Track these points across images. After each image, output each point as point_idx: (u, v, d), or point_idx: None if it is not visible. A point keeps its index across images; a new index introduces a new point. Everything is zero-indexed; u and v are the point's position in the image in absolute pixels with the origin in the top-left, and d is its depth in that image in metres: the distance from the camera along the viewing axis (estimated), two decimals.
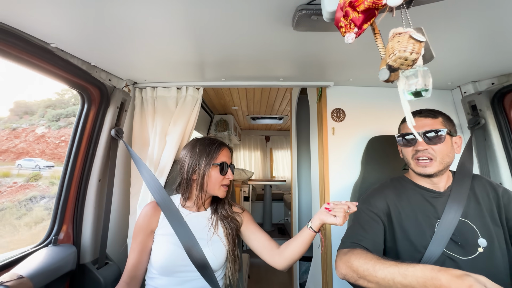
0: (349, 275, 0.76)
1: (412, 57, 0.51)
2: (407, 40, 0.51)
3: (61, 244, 1.07)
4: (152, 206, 1.02)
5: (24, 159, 8.60)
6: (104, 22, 0.79)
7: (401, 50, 0.51)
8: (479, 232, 0.82)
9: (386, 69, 0.55)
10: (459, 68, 1.18)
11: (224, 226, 1.01)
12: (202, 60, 1.11)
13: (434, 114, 0.92)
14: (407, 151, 0.93)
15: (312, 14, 0.69)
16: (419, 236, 0.86)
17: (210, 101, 3.02)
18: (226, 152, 1.04)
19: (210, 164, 0.98)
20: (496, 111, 1.24)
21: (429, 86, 0.54)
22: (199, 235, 0.96)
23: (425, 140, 0.87)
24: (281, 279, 2.59)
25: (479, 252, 0.80)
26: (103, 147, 1.19)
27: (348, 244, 0.87)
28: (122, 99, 1.28)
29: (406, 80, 0.55)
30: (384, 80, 0.56)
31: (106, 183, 1.21)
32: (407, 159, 0.94)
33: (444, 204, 0.89)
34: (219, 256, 0.95)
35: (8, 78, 5.86)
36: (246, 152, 5.60)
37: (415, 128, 0.86)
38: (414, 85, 0.54)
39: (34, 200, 5.98)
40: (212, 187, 0.99)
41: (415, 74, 0.54)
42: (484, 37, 0.88)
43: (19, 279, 0.78)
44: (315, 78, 1.37)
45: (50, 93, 11.65)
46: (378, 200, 0.95)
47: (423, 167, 0.88)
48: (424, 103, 1.46)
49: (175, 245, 0.94)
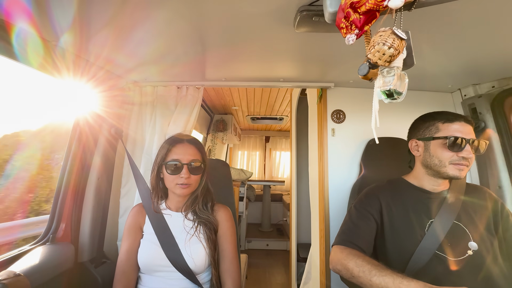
0: (343, 272, 0.80)
1: (390, 52, 0.51)
2: (389, 34, 0.51)
3: (59, 242, 1.07)
4: (139, 206, 1.06)
5: None
6: (104, 20, 0.79)
7: (381, 42, 0.51)
8: (471, 236, 0.84)
9: (366, 64, 0.55)
10: (459, 71, 1.18)
11: (204, 229, 0.97)
12: (203, 60, 1.11)
13: (471, 122, 0.91)
14: (447, 154, 0.89)
15: (313, 15, 0.69)
16: (410, 235, 0.88)
17: (211, 100, 3.02)
18: (180, 149, 0.97)
19: (160, 163, 0.97)
20: (496, 114, 1.25)
21: (403, 91, 0.55)
22: (178, 235, 0.95)
23: (473, 149, 0.86)
24: (279, 280, 2.59)
25: (468, 254, 0.81)
26: (102, 145, 1.19)
27: (342, 241, 0.90)
28: (122, 98, 1.28)
29: (383, 79, 0.55)
30: (362, 76, 0.56)
31: (105, 181, 1.21)
32: (441, 161, 0.90)
33: (437, 205, 0.91)
34: (197, 259, 0.92)
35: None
36: (246, 153, 5.60)
37: (461, 133, 0.86)
38: (389, 84, 0.54)
39: None
40: (169, 186, 0.97)
41: (392, 74, 0.54)
42: (484, 40, 0.88)
43: (16, 276, 0.77)
44: (316, 79, 1.37)
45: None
46: (371, 198, 0.97)
47: (460, 170, 0.87)
48: (424, 105, 1.46)
49: (155, 244, 0.94)
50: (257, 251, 3.38)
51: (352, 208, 0.99)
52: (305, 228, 2.41)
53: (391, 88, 0.54)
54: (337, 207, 1.39)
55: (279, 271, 2.79)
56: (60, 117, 1.26)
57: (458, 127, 0.89)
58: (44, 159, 1.43)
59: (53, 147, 1.46)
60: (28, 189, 1.38)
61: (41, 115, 1.38)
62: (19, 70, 0.89)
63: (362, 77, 0.58)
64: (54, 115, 1.37)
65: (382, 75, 0.56)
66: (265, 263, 3.03)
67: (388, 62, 0.53)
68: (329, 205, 1.39)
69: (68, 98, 1.11)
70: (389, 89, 0.55)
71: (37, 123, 1.43)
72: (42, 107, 1.32)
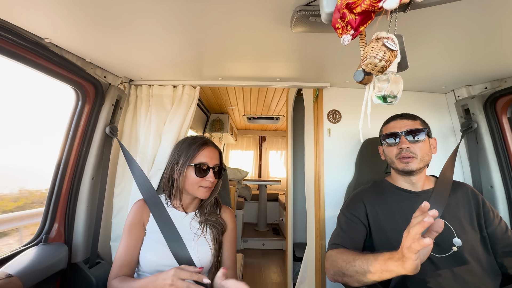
0: (336, 274, 0.81)
1: (381, 64, 0.53)
2: (380, 47, 0.53)
3: (52, 242, 1.05)
4: (142, 203, 1.03)
5: None
6: (100, 18, 0.78)
7: (372, 56, 0.53)
8: (455, 232, 0.86)
9: (360, 71, 0.57)
10: (453, 73, 1.20)
11: (212, 230, 0.98)
12: (199, 59, 1.11)
13: (413, 116, 0.99)
14: (391, 151, 0.97)
15: (310, 15, 0.70)
16: (397, 235, 0.90)
17: (207, 100, 3.01)
18: (208, 152, 0.98)
19: (186, 164, 0.96)
20: (488, 115, 1.27)
21: (398, 94, 0.56)
22: (185, 235, 0.95)
23: (408, 139, 0.93)
24: (275, 279, 2.60)
25: (453, 250, 0.83)
26: (97, 144, 1.17)
27: (332, 245, 0.93)
28: (117, 96, 1.26)
29: (378, 85, 0.57)
30: (358, 81, 0.59)
31: (99, 181, 1.19)
32: (390, 158, 0.98)
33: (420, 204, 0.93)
34: (204, 259, 0.93)
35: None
36: (242, 152, 5.60)
37: (395, 129, 0.95)
38: (384, 91, 0.56)
39: None
40: (190, 187, 0.97)
41: (387, 80, 0.56)
42: (478, 42, 0.89)
43: (7, 278, 0.76)
44: (312, 79, 1.37)
45: None
46: (356, 203, 1.01)
47: (406, 163, 0.93)
48: (419, 105, 1.48)
49: (161, 244, 0.93)
50: (253, 251, 3.38)
51: (340, 214, 1.03)
52: (301, 228, 2.42)
53: (385, 94, 0.56)
54: (332, 206, 1.40)
55: (275, 271, 2.80)
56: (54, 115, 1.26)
57: (394, 124, 0.98)
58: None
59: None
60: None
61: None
62: (15, 69, 0.88)
63: (357, 82, 0.59)
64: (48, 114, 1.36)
65: (377, 80, 0.57)
66: (261, 262, 3.03)
67: (381, 72, 0.55)
68: (324, 205, 1.40)
69: (61, 96, 1.09)
70: (383, 95, 0.56)
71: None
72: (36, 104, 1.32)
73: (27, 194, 2.37)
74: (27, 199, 2.36)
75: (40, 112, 1.41)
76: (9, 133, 1.53)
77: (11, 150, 1.60)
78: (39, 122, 1.31)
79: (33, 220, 2.34)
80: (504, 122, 1.25)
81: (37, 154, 1.65)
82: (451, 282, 0.80)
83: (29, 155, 1.71)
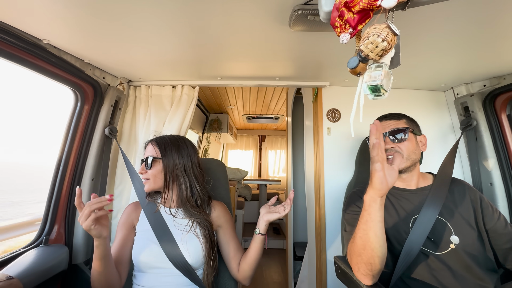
0: (360, 262, 0.75)
1: (383, 45, 0.52)
2: (383, 28, 0.52)
3: (53, 244, 1.05)
4: (134, 204, 1.05)
5: None
6: (98, 19, 0.78)
7: (375, 34, 0.52)
8: (453, 229, 0.86)
9: (356, 58, 0.56)
10: (452, 70, 1.20)
11: (200, 225, 0.98)
12: (198, 59, 1.11)
13: (398, 116, 0.99)
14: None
15: (308, 14, 0.69)
16: (395, 232, 0.90)
17: (206, 99, 3.01)
18: (148, 149, 1.01)
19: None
20: (487, 112, 1.27)
21: (388, 88, 0.56)
22: (174, 231, 0.96)
23: (391, 139, 0.93)
24: (275, 278, 2.60)
25: (450, 248, 0.83)
26: (96, 145, 1.17)
27: (346, 246, 0.90)
28: (116, 97, 1.26)
29: (371, 73, 0.56)
30: (351, 68, 0.58)
31: (99, 182, 1.19)
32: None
33: (417, 202, 0.93)
34: (193, 253, 0.93)
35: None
36: (242, 152, 5.60)
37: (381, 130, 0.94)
38: (377, 79, 0.55)
39: None
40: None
41: (380, 70, 0.55)
42: (477, 40, 0.89)
43: (8, 280, 0.76)
44: (311, 78, 1.37)
45: None
46: (356, 200, 1.01)
47: (390, 163, 0.91)
48: (418, 104, 1.48)
49: (151, 241, 0.94)
50: None
51: (343, 215, 1.03)
52: (302, 227, 2.42)
53: (379, 84, 0.55)
54: (333, 205, 1.40)
55: (276, 270, 2.80)
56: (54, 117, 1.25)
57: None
58: None
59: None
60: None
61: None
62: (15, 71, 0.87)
63: (350, 70, 0.58)
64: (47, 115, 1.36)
65: (370, 70, 0.56)
66: (262, 261, 3.04)
67: (379, 56, 0.54)
68: (325, 204, 1.40)
69: (61, 97, 1.09)
70: (375, 84, 0.55)
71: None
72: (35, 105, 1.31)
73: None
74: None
75: (40, 113, 1.39)
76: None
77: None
78: (38, 124, 1.29)
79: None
80: (504, 119, 1.25)
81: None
82: (450, 279, 0.80)
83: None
